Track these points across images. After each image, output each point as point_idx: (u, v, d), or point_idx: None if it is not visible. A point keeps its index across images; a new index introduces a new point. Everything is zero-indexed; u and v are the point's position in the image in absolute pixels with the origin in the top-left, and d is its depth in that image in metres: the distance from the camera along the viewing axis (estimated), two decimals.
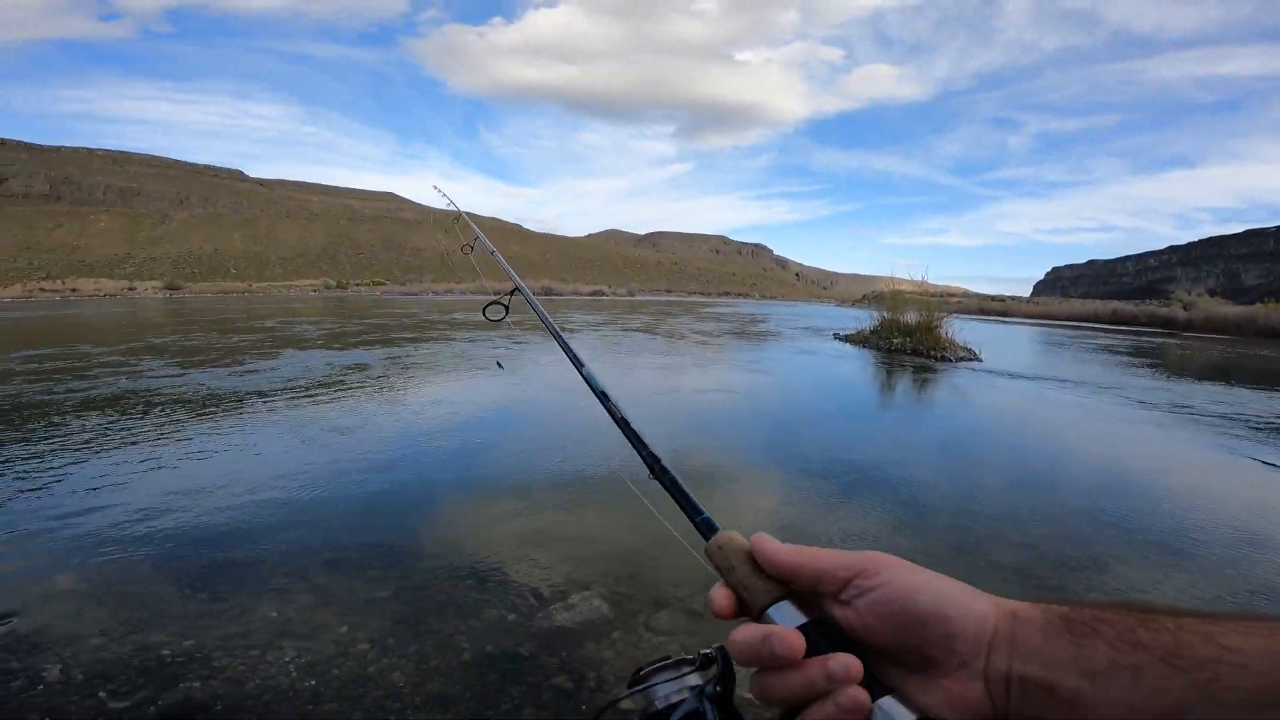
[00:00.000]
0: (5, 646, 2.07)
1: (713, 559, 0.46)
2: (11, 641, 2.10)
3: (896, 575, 0.39)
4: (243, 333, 14.58)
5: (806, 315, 33.26)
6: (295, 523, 3.30)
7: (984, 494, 4.18)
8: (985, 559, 3.12)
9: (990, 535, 3.45)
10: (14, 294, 71.60)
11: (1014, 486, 4.38)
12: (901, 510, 3.79)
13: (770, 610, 0.42)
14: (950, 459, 5.21)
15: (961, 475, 4.69)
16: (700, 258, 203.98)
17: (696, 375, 9.47)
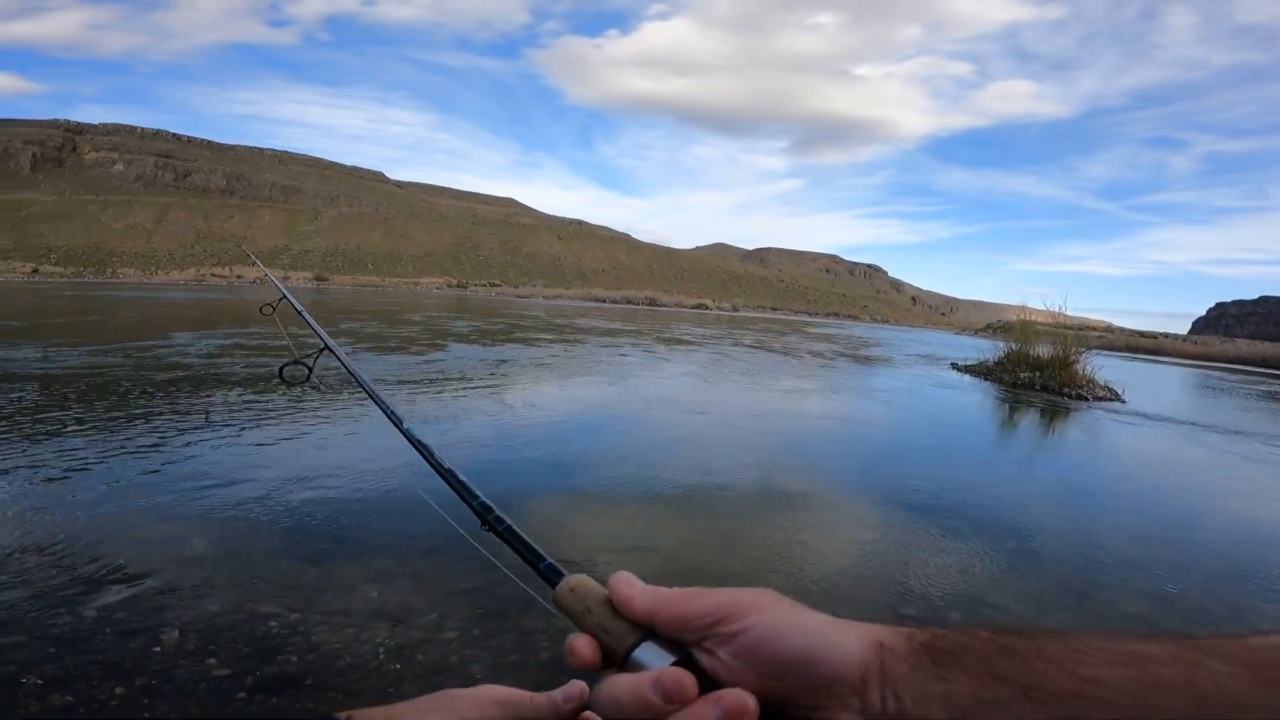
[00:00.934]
0: (133, 606, 2.27)
1: (563, 604, 0.44)
2: (140, 602, 2.30)
3: (763, 619, 0.37)
4: (405, 324, 16.84)
5: (922, 342, 31.53)
6: (406, 508, 3.46)
7: (1113, 542, 3.78)
8: (1111, 607, 2.87)
9: (1116, 583, 3.12)
10: (189, 277, 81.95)
11: (1149, 537, 3.95)
12: (1015, 553, 3.47)
13: (636, 653, 0.38)
14: (1077, 504, 4.85)
15: (1089, 521, 4.32)
16: (809, 276, 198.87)
17: (798, 399, 9.18)
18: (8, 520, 2.97)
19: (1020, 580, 3.18)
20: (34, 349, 8.27)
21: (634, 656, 0.39)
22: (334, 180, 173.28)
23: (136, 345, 9.44)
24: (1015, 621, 0.36)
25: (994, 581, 3.13)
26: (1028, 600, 2.97)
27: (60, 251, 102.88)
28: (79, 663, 1.89)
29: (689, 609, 0.39)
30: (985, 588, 3.05)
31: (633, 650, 0.39)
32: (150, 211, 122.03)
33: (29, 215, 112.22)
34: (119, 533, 2.92)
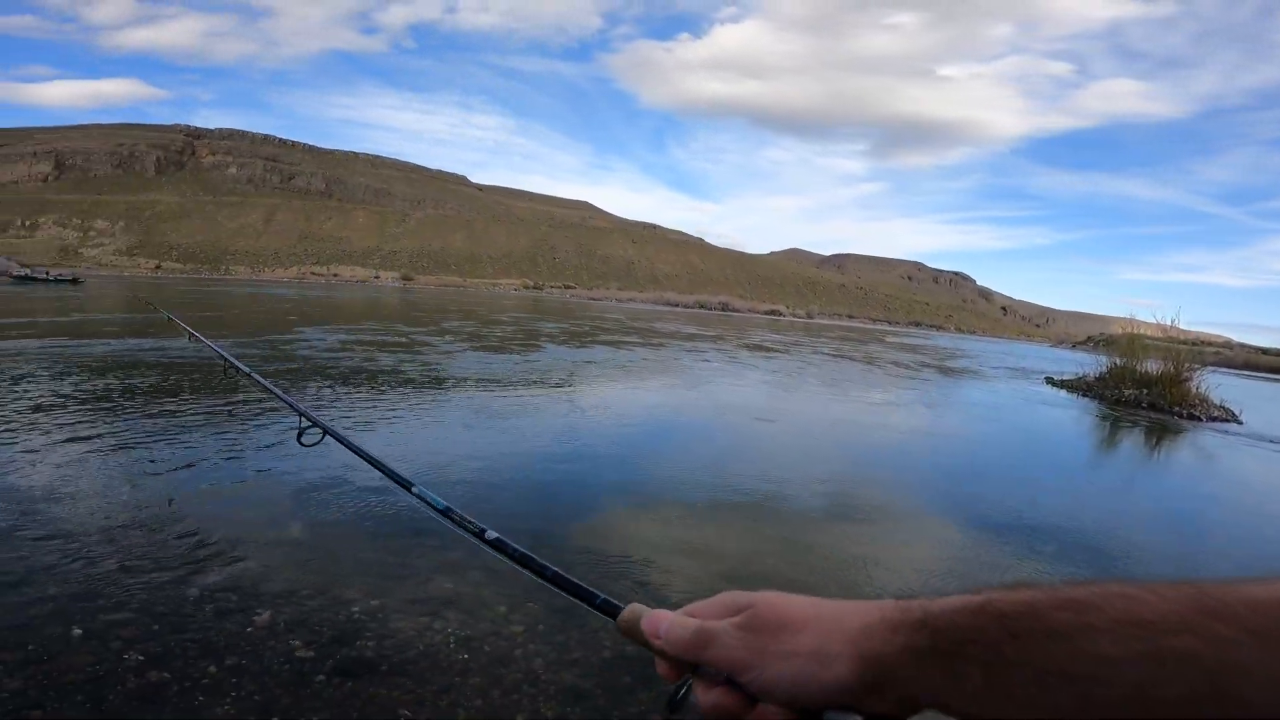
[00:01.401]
0: (231, 586, 2.40)
1: (626, 633, 0.47)
2: (237, 581, 2.43)
3: (765, 596, 0.41)
4: (497, 324, 17.91)
5: (1013, 354, 29.79)
6: (490, 498, 3.57)
7: (1219, 571, 3.36)
8: None
9: None
10: (290, 275, 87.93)
11: (1257, 569, 3.49)
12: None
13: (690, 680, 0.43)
14: (1181, 530, 4.51)
15: (1194, 546, 3.97)
16: (889, 283, 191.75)
17: (883, 411, 8.84)
18: (142, 496, 3.23)
19: None
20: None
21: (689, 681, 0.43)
22: (420, 183, 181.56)
23: (275, 338, 10.78)
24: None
25: None
26: None
27: (180, 249, 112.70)
28: (179, 641, 2.00)
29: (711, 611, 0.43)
30: None
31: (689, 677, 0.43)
32: (260, 212, 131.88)
33: (153, 215, 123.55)
34: (244, 514, 3.12)
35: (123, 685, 1.77)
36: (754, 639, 0.39)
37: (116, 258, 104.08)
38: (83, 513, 2.96)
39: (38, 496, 3.12)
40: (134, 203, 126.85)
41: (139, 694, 1.74)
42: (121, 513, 2.99)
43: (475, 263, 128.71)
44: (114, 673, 1.82)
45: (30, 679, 1.75)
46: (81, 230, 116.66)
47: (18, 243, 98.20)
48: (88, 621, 2.05)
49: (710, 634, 0.41)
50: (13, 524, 2.78)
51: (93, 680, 1.78)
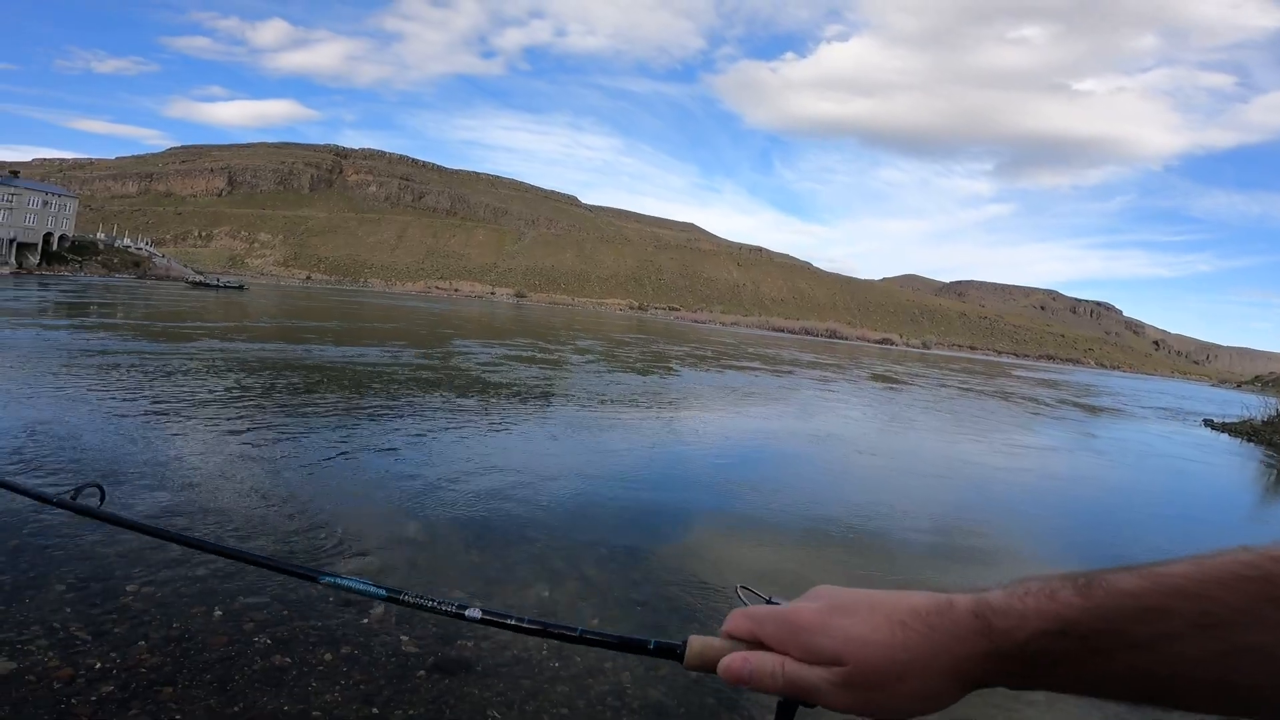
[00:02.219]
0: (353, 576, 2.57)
1: (705, 670, 0.44)
2: (359, 574, 2.59)
3: (861, 651, 0.40)
4: (621, 345, 19.11)
5: (1166, 393, 26.68)
6: (593, 514, 3.67)
7: None
8: None
9: None
10: (418, 288, 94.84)
11: None
12: None
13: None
14: None
15: None
16: (1018, 312, 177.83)
17: (1033, 457, 8.18)
18: (311, 485, 3.56)
19: None
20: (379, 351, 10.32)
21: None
22: (534, 203, 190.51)
23: (447, 351, 12.29)
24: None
25: None
26: None
27: (327, 261, 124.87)
28: (304, 628, 2.14)
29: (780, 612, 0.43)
30: None
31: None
32: (394, 228, 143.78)
33: (306, 229, 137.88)
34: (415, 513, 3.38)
35: (249, 666, 1.92)
36: (858, 695, 0.38)
37: (275, 267, 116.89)
38: (234, 498, 3.30)
39: (202, 481, 3.51)
40: (291, 217, 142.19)
41: (262, 678, 1.88)
42: (266, 503, 3.30)
43: (584, 281, 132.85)
44: (244, 653, 1.96)
45: (169, 656, 1.92)
46: (248, 242, 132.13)
47: (194, 251, 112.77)
48: (228, 603, 2.23)
49: (807, 688, 0.40)
50: (170, 505, 3.14)
51: (223, 661, 1.93)
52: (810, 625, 0.40)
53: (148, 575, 2.33)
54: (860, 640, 0.38)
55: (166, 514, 2.97)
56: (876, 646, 0.38)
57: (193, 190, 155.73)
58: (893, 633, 0.38)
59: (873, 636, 0.38)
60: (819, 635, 0.39)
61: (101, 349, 7.97)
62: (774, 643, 0.41)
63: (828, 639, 0.39)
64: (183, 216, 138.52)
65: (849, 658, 0.38)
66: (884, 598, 0.40)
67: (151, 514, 2.94)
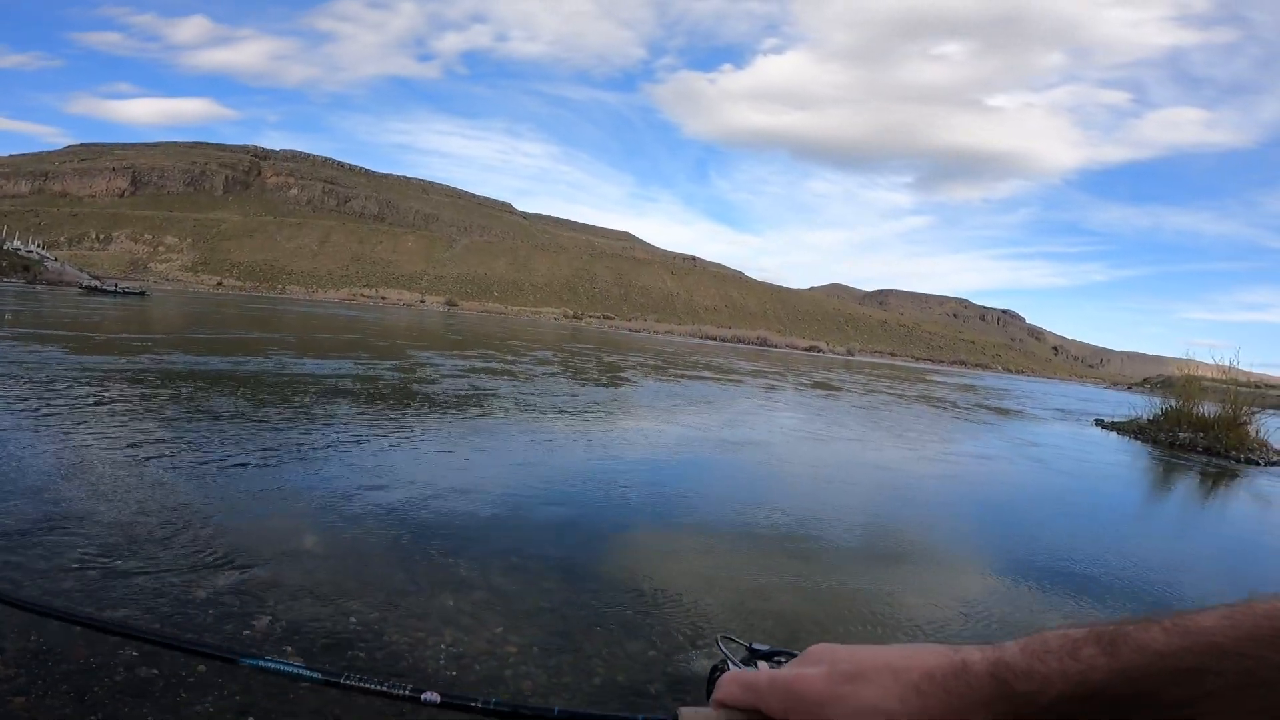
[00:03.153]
0: (239, 590, 2.42)
1: None
2: (245, 587, 2.45)
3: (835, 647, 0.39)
4: (582, 357, 18.78)
5: (1063, 395, 28.72)
6: (504, 522, 3.56)
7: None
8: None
9: None
10: (342, 296, 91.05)
11: None
12: None
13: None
14: (1236, 572, 4.37)
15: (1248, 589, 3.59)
16: (934, 320, 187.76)
17: (915, 454, 8.58)
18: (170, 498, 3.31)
19: None
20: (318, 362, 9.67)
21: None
22: (468, 210, 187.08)
23: (404, 361, 11.49)
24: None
25: None
26: None
27: (241, 267, 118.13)
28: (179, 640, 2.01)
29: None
30: None
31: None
32: (316, 234, 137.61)
33: (218, 233, 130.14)
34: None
35: (110, 679, 1.79)
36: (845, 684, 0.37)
37: (182, 273, 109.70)
38: (108, 510, 3.05)
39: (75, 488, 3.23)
40: (201, 220, 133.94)
41: (125, 688, 1.76)
42: (144, 514, 3.07)
43: (517, 290, 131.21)
44: (109, 664, 1.84)
45: (24, 668, 1.79)
46: (152, 245, 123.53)
47: (91, 254, 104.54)
48: (96, 614, 2.08)
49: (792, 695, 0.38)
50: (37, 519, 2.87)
51: (83, 672, 1.80)
52: (820, 697, 0.36)
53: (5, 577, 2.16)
54: (874, 711, 0.35)
55: (34, 526, 2.72)
56: (892, 717, 0.35)
57: (92, 190, 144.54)
58: (907, 701, 0.35)
59: (886, 706, 0.35)
60: (831, 707, 0.36)
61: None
62: (778, 714, 0.38)
63: (841, 711, 0.36)
64: (79, 218, 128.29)
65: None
66: (891, 659, 0.37)
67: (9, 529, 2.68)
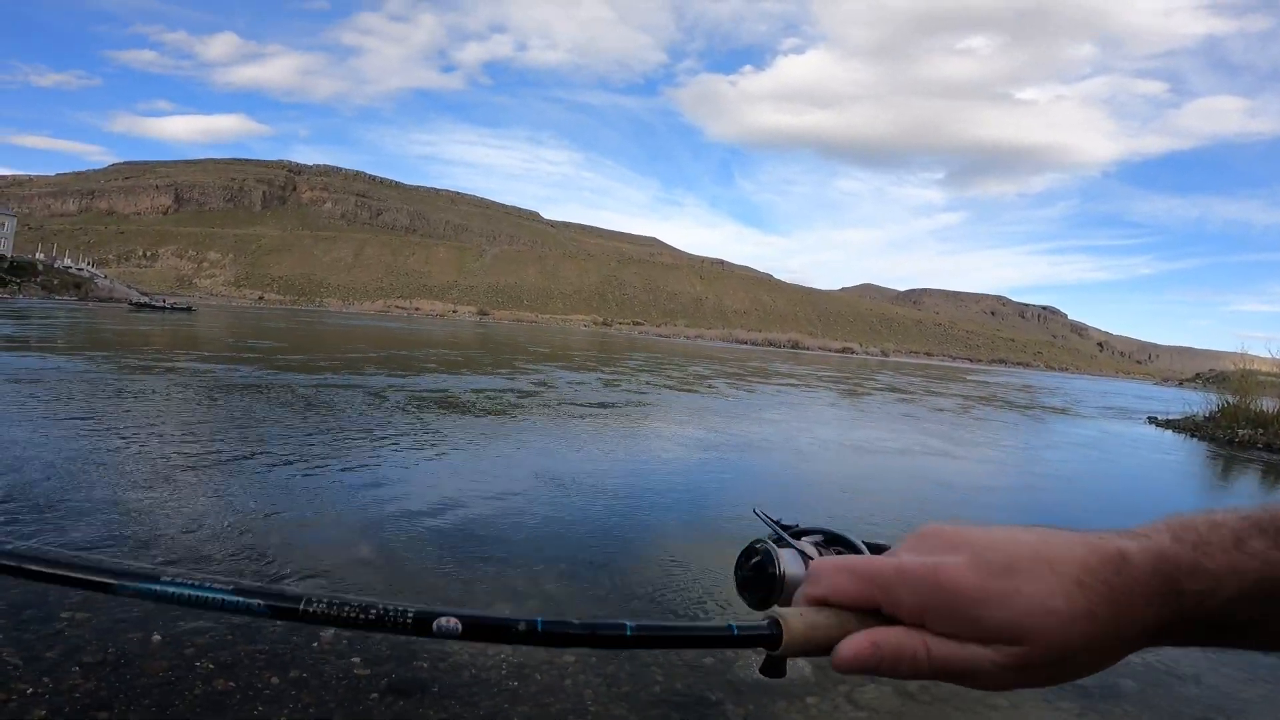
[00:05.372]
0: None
1: (808, 641, 0.32)
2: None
3: (943, 529, 0.33)
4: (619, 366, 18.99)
5: (1111, 392, 27.81)
6: (554, 531, 3.57)
7: None
8: None
9: None
10: (377, 308, 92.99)
11: None
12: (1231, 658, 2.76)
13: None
14: None
15: None
16: (970, 319, 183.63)
17: (960, 461, 8.37)
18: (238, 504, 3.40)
19: (1261, 687, 2.52)
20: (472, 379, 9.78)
21: None
22: (496, 219, 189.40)
23: (514, 379, 11.07)
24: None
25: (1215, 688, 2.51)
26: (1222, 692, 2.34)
27: (280, 281, 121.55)
28: (249, 651, 2.06)
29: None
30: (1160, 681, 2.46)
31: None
32: (351, 246, 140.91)
33: (258, 248, 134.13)
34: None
35: (190, 690, 1.82)
36: (1030, 676, 0.31)
37: (225, 287, 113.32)
38: (176, 521, 3.14)
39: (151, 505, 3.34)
40: (242, 236, 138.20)
41: (204, 700, 1.79)
42: (212, 523, 3.15)
43: (547, 298, 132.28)
44: (186, 677, 1.87)
45: (104, 681, 1.83)
46: (196, 261, 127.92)
47: (138, 272, 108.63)
48: (168, 628, 2.13)
49: (962, 673, 0.31)
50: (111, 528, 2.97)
51: (163, 685, 1.83)
52: (970, 592, 0.30)
53: (82, 601, 2.21)
54: (1043, 611, 0.29)
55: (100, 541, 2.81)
56: (1061, 618, 0.29)
57: (137, 208, 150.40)
58: (1072, 598, 0.29)
59: (1054, 605, 0.29)
60: (986, 607, 0.30)
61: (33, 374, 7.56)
62: (910, 613, 0.31)
63: (1001, 611, 0.30)
64: (126, 235, 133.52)
65: (1031, 635, 0.29)
66: (1037, 547, 0.30)
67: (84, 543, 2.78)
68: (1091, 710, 2.15)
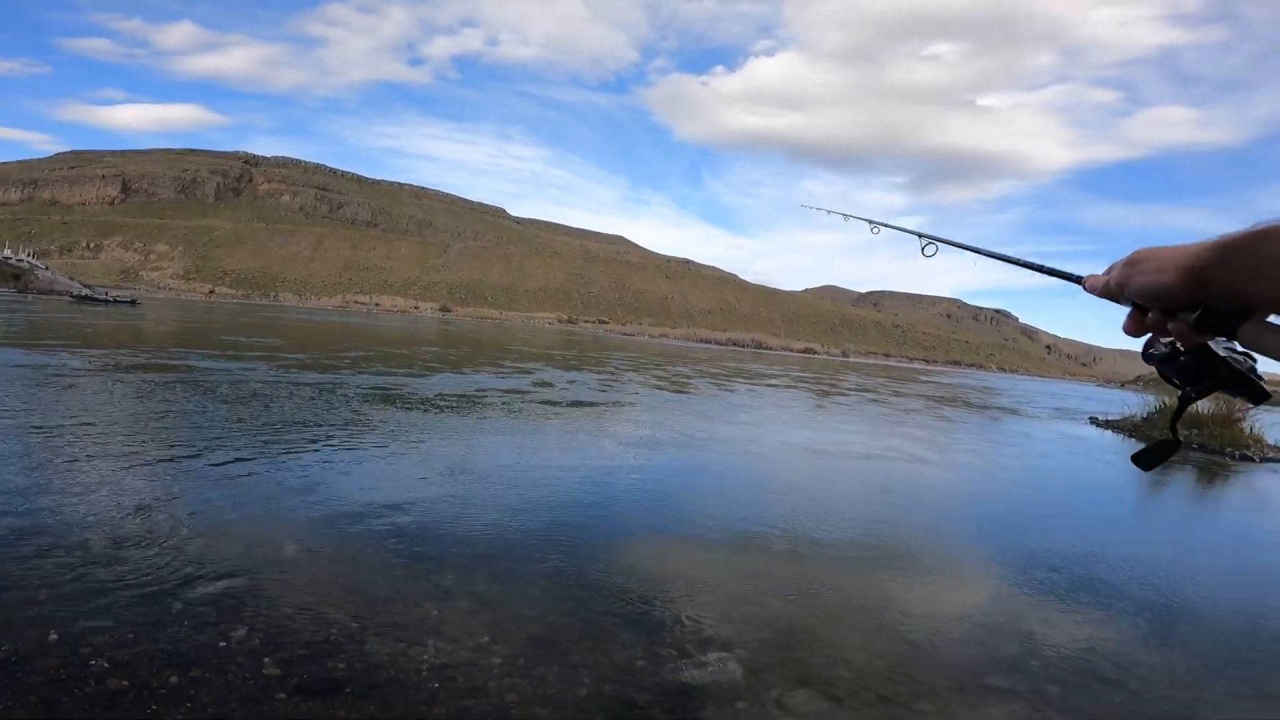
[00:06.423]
0: (214, 602, 2.37)
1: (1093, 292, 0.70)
2: (221, 599, 2.40)
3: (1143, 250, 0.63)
4: (600, 365, 18.31)
5: (1057, 394, 28.84)
6: (487, 527, 3.51)
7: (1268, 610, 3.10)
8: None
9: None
10: (335, 303, 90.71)
11: None
12: (1146, 619, 2.90)
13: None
14: (1229, 569, 4.40)
15: (1249, 589, 3.66)
16: (927, 321, 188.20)
17: (901, 446, 8.57)
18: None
19: (1157, 656, 2.64)
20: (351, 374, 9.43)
21: None
22: (461, 215, 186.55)
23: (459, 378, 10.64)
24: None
25: (1121, 656, 2.62)
26: (1164, 681, 2.45)
27: (233, 275, 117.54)
28: (150, 650, 1.98)
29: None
30: (1107, 663, 2.56)
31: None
32: (309, 240, 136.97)
33: (210, 240, 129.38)
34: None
35: (82, 690, 1.75)
36: (1128, 269, 0.62)
37: (174, 281, 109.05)
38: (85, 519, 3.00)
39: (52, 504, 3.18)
40: (193, 228, 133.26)
41: (95, 698, 1.72)
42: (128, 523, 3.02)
43: (512, 295, 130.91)
44: (79, 677, 1.81)
45: None
46: (143, 253, 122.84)
47: (81, 264, 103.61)
48: (66, 626, 2.05)
49: (1109, 275, 0.65)
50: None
51: (52, 683, 1.76)
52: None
53: None
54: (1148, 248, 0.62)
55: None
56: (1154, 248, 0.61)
57: (82, 198, 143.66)
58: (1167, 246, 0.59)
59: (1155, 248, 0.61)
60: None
61: None
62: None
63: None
64: (70, 226, 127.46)
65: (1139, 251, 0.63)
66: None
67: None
68: (1017, 716, 2.19)
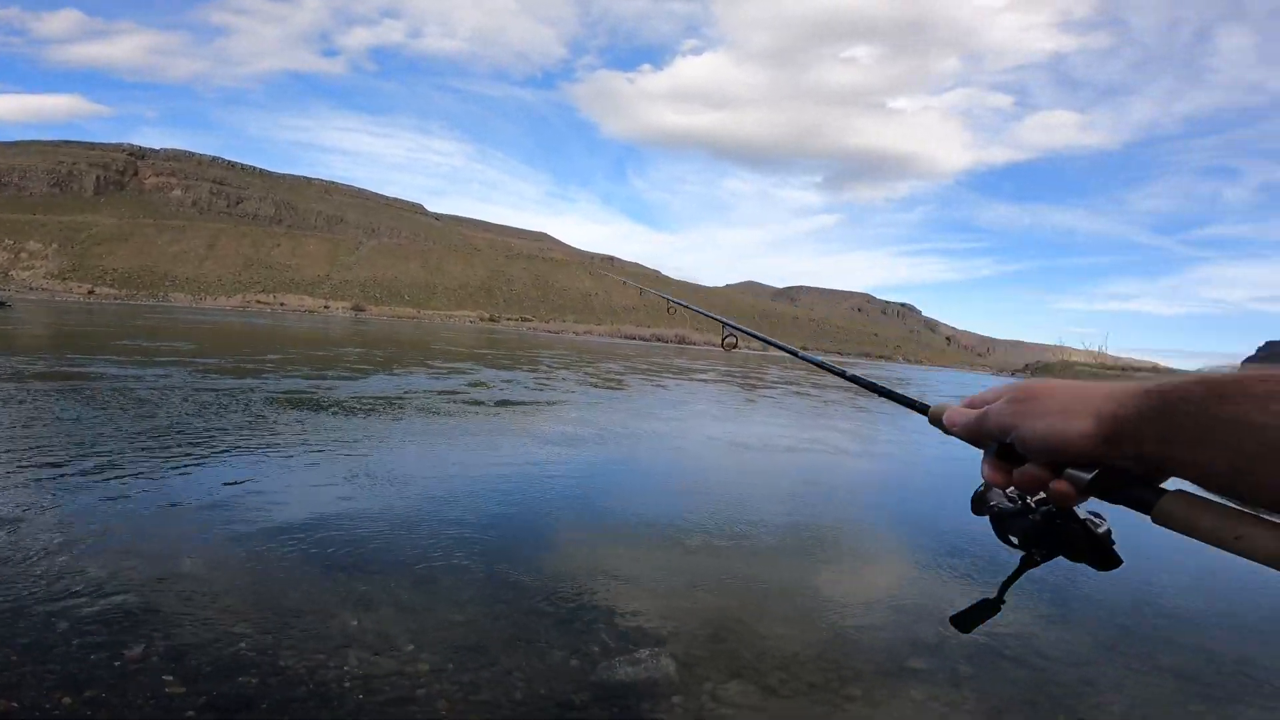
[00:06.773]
0: (105, 620, 2.22)
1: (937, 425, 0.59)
2: (112, 616, 2.25)
3: (1028, 381, 0.52)
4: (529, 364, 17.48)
5: (958, 383, 30.82)
6: (410, 533, 3.42)
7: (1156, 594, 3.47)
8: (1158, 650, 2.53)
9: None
10: (234, 303, 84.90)
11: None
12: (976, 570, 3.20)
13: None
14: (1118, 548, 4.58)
15: (1130, 567, 4.03)
16: (841, 315, 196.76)
17: (791, 433, 8.96)
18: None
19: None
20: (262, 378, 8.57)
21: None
22: (375, 211, 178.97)
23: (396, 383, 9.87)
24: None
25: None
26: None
27: (116, 274, 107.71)
28: (39, 671, 1.84)
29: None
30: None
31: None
32: (203, 237, 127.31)
33: (89, 237, 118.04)
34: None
35: None
36: (1017, 406, 0.49)
37: (48, 280, 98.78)
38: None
39: None
40: (70, 224, 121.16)
41: None
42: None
43: (430, 293, 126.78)
44: None
45: None
46: (13, 251, 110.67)
47: None
48: None
49: (985, 411, 0.52)
50: None
51: None
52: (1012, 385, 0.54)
53: None
54: (1036, 380, 0.54)
55: None
56: (1046, 380, 0.53)
57: None
58: (1062, 381, 0.51)
59: (1046, 380, 0.53)
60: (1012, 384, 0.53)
61: None
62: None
63: (1016, 383, 0.53)
64: None
65: (1022, 382, 0.53)
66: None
67: None
68: (934, 700, 2.26)
